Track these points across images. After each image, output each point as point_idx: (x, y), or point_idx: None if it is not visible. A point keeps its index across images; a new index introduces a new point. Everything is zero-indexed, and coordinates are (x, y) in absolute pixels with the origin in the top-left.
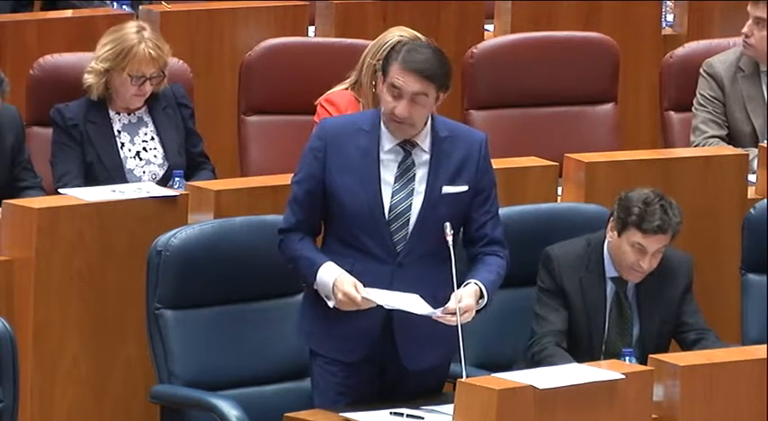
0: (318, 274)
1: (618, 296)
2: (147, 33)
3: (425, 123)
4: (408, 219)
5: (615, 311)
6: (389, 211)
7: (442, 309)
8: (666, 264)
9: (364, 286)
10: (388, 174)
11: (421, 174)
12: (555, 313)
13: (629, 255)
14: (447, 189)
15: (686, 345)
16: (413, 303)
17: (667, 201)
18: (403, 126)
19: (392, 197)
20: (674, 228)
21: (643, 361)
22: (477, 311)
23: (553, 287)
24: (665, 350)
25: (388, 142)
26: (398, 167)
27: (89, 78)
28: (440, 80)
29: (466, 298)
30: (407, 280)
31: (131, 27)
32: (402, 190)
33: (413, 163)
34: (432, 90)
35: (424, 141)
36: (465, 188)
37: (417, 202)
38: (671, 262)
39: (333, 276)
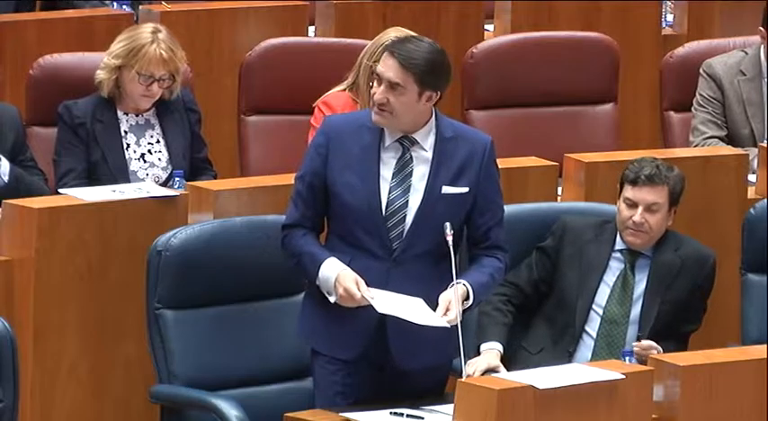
0: (321, 270)
1: (625, 268)
2: (161, 35)
3: (427, 122)
4: (405, 217)
5: (620, 282)
6: (386, 208)
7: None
8: (691, 253)
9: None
10: (386, 171)
11: (421, 172)
12: (528, 269)
13: (624, 212)
14: (447, 189)
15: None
16: (410, 310)
17: (661, 161)
18: (384, 114)
19: (389, 193)
20: (665, 181)
21: (639, 340)
22: (463, 312)
23: (548, 244)
24: (667, 334)
25: (388, 139)
26: (396, 164)
27: (101, 74)
28: (420, 73)
29: (453, 304)
30: (403, 278)
31: (147, 27)
32: (399, 186)
33: (410, 159)
34: (410, 82)
35: (425, 140)
36: (465, 189)
37: (415, 200)
38: (694, 254)
39: (335, 272)
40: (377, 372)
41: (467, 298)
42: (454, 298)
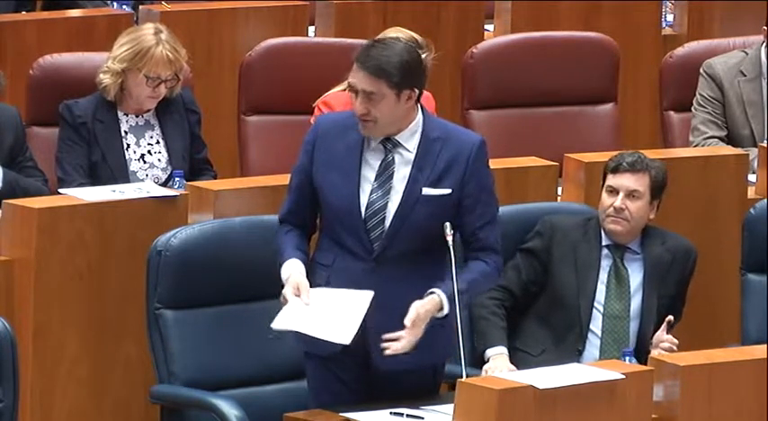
0: (282, 270)
1: (615, 262)
2: (164, 35)
3: (412, 122)
4: (384, 218)
5: (614, 277)
6: (366, 209)
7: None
8: (678, 247)
9: (342, 283)
10: (370, 172)
11: (402, 173)
12: (515, 271)
13: (605, 201)
14: (427, 191)
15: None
16: (323, 322)
17: (643, 154)
18: (367, 124)
19: (370, 195)
20: (647, 168)
21: (642, 335)
22: (439, 318)
23: (536, 245)
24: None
25: (373, 140)
26: (380, 166)
27: (105, 78)
28: (391, 76)
29: (419, 321)
30: (382, 279)
31: (149, 28)
32: (380, 188)
33: (393, 161)
34: (384, 87)
35: (409, 141)
36: (448, 191)
37: (395, 202)
38: (681, 248)
39: (287, 274)
40: (364, 372)
41: (441, 308)
42: (421, 316)
